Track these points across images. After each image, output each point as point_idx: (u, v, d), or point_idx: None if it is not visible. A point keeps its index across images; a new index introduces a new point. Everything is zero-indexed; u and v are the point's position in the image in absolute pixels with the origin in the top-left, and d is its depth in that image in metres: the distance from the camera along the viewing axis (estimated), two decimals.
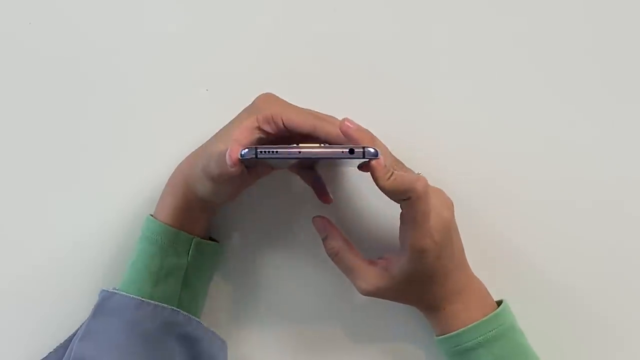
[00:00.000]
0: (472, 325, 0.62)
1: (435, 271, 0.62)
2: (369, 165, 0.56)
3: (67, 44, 0.72)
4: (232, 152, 0.57)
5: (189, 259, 0.65)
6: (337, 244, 0.64)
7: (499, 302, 0.65)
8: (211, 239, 0.68)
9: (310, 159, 0.59)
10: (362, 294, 0.64)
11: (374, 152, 0.56)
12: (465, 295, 0.64)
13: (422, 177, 0.58)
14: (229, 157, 0.57)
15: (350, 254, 0.64)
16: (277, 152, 0.56)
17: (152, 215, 0.66)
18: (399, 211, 0.61)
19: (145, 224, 0.66)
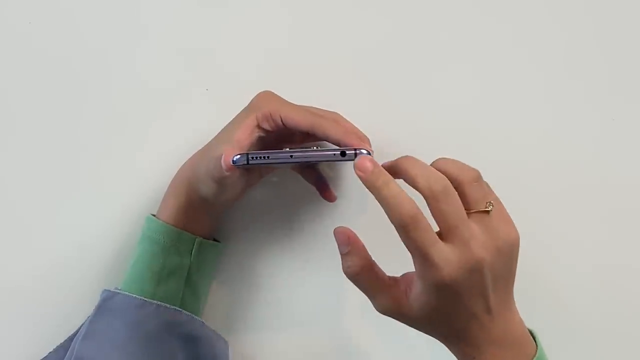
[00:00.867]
0: None
1: (457, 311, 0.54)
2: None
3: (67, 43, 0.72)
4: (225, 157, 0.58)
5: (191, 259, 0.65)
6: (360, 263, 0.56)
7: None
8: (214, 240, 0.68)
9: (302, 163, 0.60)
10: (380, 312, 0.57)
11: (366, 154, 0.57)
12: (501, 347, 0.56)
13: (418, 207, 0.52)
14: (224, 162, 0.59)
15: (371, 274, 0.56)
16: (269, 157, 0.57)
17: (154, 215, 0.66)
18: None
19: (146, 224, 0.66)
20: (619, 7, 0.71)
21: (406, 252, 0.54)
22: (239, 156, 0.58)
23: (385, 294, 0.56)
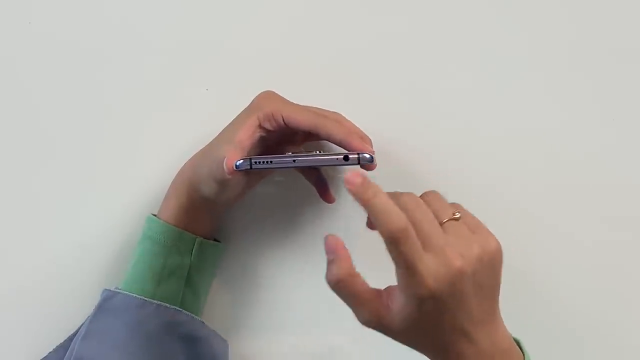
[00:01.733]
0: None
1: (441, 324, 0.53)
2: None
3: (67, 43, 0.72)
4: (228, 161, 0.59)
5: (191, 259, 0.65)
6: (342, 272, 0.54)
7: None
8: (214, 240, 0.68)
9: (305, 167, 0.60)
10: (364, 324, 0.56)
11: (369, 158, 0.57)
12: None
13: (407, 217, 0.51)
14: (226, 165, 0.59)
15: (353, 284, 0.55)
16: (272, 162, 0.58)
17: (154, 215, 0.66)
18: None
19: (147, 224, 0.66)
20: (618, 7, 0.71)
21: None
22: (242, 161, 0.58)
23: (366, 306, 0.55)
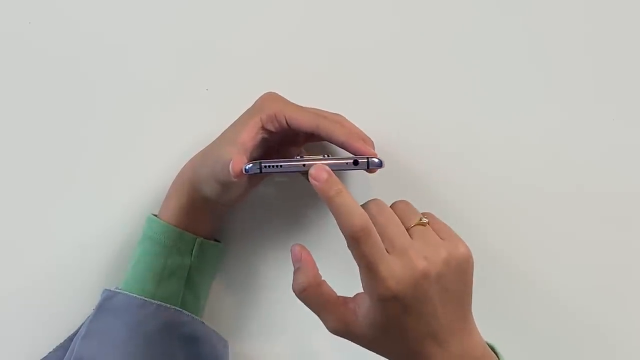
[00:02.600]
0: None
1: (408, 329, 0.53)
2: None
3: (67, 44, 0.71)
4: (235, 164, 0.57)
5: (192, 259, 0.65)
6: (307, 281, 0.55)
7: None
8: (215, 240, 0.68)
9: None
10: (332, 333, 0.56)
11: (378, 162, 0.57)
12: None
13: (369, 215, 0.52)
14: (232, 169, 0.57)
15: (318, 292, 0.55)
16: (282, 166, 0.57)
17: (155, 215, 0.66)
18: None
19: (147, 224, 0.66)
20: (618, 7, 0.71)
21: None
22: (251, 165, 0.58)
23: (332, 313, 0.55)
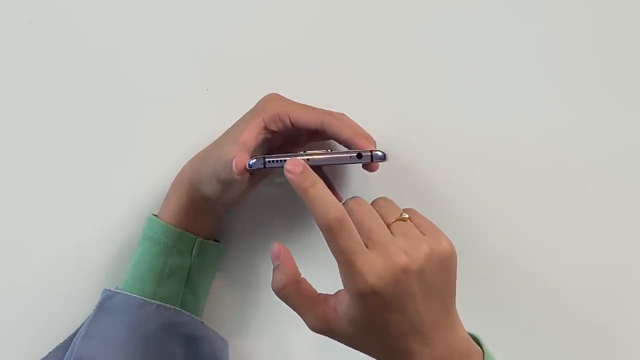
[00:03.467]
0: None
1: (389, 325, 0.52)
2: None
3: (67, 44, 0.71)
4: (238, 161, 0.57)
5: (192, 259, 0.65)
6: (285, 279, 0.55)
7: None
8: (214, 240, 0.68)
9: (318, 166, 0.59)
10: (313, 331, 0.56)
11: (382, 155, 0.57)
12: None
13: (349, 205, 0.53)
14: (236, 166, 0.57)
15: (297, 290, 0.55)
16: (286, 161, 0.56)
17: (155, 215, 0.66)
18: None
19: (147, 224, 0.66)
20: (618, 6, 0.71)
21: None
22: (255, 160, 0.58)
23: (312, 311, 0.55)
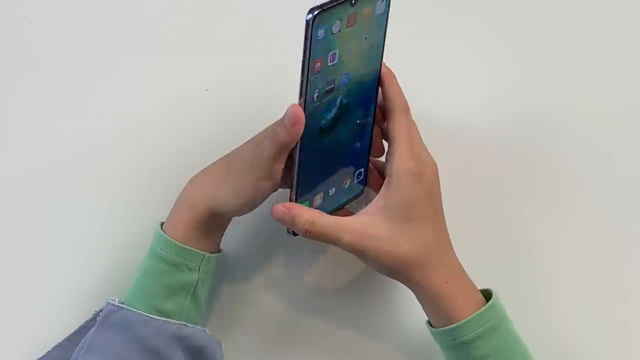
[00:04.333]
0: (471, 317, 0.60)
1: (424, 212, 0.60)
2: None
3: (67, 43, 0.71)
4: (294, 108, 0.56)
5: (199, 275, 0.63)
6: (310, 214, 0.59)
7: (483, 290, 0.63)
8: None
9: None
10: (349, 249, 0.59)
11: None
12: (458, 280, 0.62)
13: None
14: (292, 115, 0.56)
15: (324, 217, 0.59)
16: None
17: (162, 230, 0.64)
18: None
19: (155, 240, 0.63)
20: (618, 6, 0.71)
21: None
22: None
23: (346, 223, 0.59)
